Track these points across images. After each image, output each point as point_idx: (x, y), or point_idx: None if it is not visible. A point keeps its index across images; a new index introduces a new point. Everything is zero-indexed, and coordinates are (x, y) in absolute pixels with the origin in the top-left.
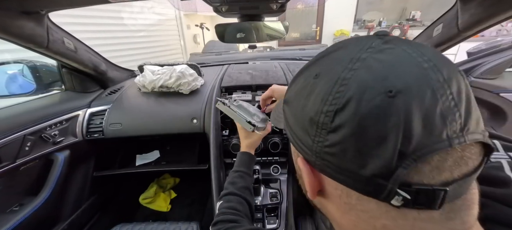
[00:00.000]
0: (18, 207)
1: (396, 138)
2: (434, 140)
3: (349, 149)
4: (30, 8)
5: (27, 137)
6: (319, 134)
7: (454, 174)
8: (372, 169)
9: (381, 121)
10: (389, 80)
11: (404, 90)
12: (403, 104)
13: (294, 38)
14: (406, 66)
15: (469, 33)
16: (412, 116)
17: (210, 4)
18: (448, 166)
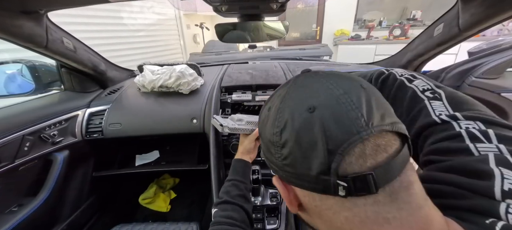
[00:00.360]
0: (17, 207)
1: (322, 140)
2: (348, 136)
3: (297, 157)
4: (29, 8)
5: (26, 137)
6: (276, 151)
7: (377, 159)
8: (316, 168)
9: (309, 130)
10: (309, 101)
11: (318, 105)
12: (321, 115)
13: (294, 38)
14: (318, 89)
15: (470, 33)
16: (328, 121)
17: (210, 3)
18: (368, 154)
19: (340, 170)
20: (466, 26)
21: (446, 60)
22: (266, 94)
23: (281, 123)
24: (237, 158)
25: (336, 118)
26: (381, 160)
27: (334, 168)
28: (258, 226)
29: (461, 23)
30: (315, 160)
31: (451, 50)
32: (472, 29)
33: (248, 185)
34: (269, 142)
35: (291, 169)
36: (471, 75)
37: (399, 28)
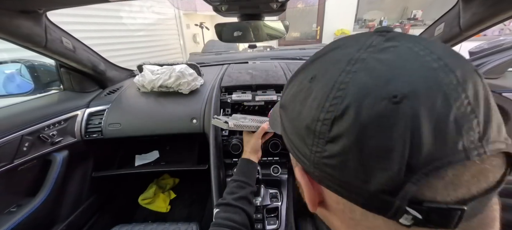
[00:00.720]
0: (15, 208)
1: (403, 149)
2: (448, 152)
3: (350, 161)
4: (28, 7)
5: (25, 137)
6: (316, 144)
7: (472, 190)
8: (377, 183)
9: (385, 130)
10: (393, 84)
11: (410, 95)
12: (410, 111)
13: (294, 38)
14: (412, 67)
15: (471, 33)
16: (421, 125)
17: (210, 3)
18: (465, 181)
19: (414, 192)
20: (467, 26)
21: None
22: (266, 94)
23: (338, 108)
24: (244, 158)
25: (437, 121)
26: (477, 191)
27: (409, 191)
28: (258, 227)
29: (462, 22)
30: (381, 173)
31: None
32: (473, 29)
33: (253, 187)
34: (305, 128)
35: (334, 172)
36: None
37: (400, 28)
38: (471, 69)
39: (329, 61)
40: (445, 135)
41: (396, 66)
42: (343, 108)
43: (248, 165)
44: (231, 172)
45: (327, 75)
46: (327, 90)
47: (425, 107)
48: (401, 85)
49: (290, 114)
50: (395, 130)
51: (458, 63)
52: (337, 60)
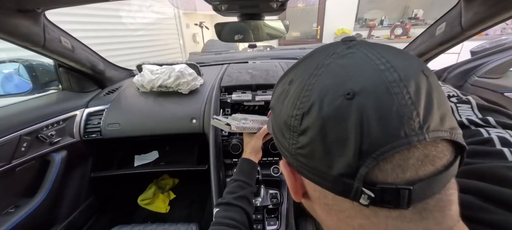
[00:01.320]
0: (13, 208)
1: (356, 137)
2: (392, 139)
3: (316, 150)
4: (26, 6)
5: (23, 137)
6: (292, 136)
7: (419, 172)
8: (338, 168)
9: (341, 122)
10: (348, 83)
11: (360, 92)
12: (360, 105)
13: (294, 37)
14: (363, 69)
15: (472, 32)
16: (369, 116)
17: (210, 2)
18: (411, 164)
19: (369, 176)
20: (468, 25)
21: (448, 59)
22: (266, 94)
23: (306, 105)
24: (245, 157)
25: (382, 113)
26: (424, 174)
27: (362, 173)
28: (258, 227)
29: (463, 22)
30: (340, 159)
31: (453, 49)
32: (474, 28)
33: (253, 187)
34: (284, 124)
35: (306, 161)
36: (473, 75)
37: (401, 27)
38: (417, 69)
39: (303, 66)
40: (388, 124)
41: (351, 69)
42: (309, 105)
43: (249, 165)
44: (231, 172)
45: (300, 78)
46: (298, 90)
47: (371, 102)
48: (354, 84)
49: (275, 113)
50: (349, 121)
51: (404, 65)
52: (309, 66)
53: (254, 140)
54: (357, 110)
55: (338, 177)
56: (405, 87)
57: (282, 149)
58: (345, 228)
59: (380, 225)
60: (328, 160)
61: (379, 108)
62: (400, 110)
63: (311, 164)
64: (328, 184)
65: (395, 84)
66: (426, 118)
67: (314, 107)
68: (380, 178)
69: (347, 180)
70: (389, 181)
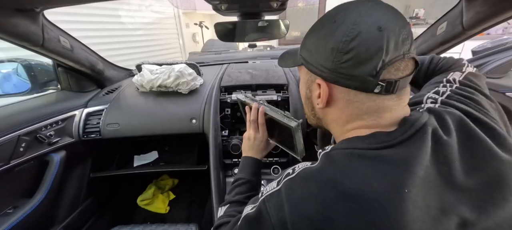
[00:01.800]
0: (12, 209)
1: (382, 52)
2: (398, 54)
3: (356, 62)
4: (24, 5)
5: (22, 137)
6: (336, 56)
7: (403, 73)
8: (367, 71)
9: (375, 44)
10: (379, 22)
11: (386, 28)
12: (386, 35)
13: (294, 37)
14: (386, 15)
15: (474, 31)
16: (390, 42)
17: (209, 2)
18: (401, 69)
19: (382, 75)
20: (470, 25)
21: None
22: (267, 94)
23: (353, 34)
24: (249, 156)
25: (396, 40)
26: (403, 75)
27: (380, 73)
28: None
29: (465, 21)
30: (370, 65)
31: (454, 49)
32: (476, 28)
33: (259, 184)
34: (331, 50)
35: (346, 71)
36: None
37: None
38: (407, 22)
39: (341, 11)
40: (398, 46)
41: (379, 13)
42: (356, 34)
43: (255, 163)
44: (231, 172)
45: (343, 19)
46: (347, 25)
47: (392, 34)
48: (383, 23)
49: (317, 47)
50: (378, 43)
51: (402, 18)
52: (349, 12)
53: (257, 141)
54: (385, 38)
55: (365, 77)
56: (405, 28)
57: (322, 68)
58: (356, 112)
59: (379, 104)
60: (362, 66)
61: (395, 38)
62: (404, 40)
63: (348, 72)
64: (355, 83)
65: (402, 27)
66: (410, 46)
67: (360, 35)
68: (386, 76)
69: (370, 78)
70: (390, 78)
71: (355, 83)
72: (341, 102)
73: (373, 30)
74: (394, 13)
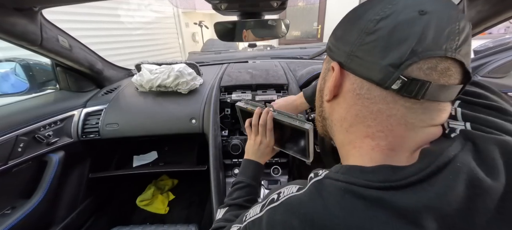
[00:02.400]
0: (10, 210)
1: (414, 40)
2: (437, 47)
3: (379, 45)
4: (22, 5)
5: (20, 137)
6: (360, 37)
7: (440, 79)
8: (390, 59)
9: (409, 27)
10: (423, 5)
11: (431, 11)
12: (428, 19)
13: (295, 37)
14: (440, 1)
15: (476, 31)
16: (429, 29)
17: (209, 1)
18: (438, 70)
19: (408, 69)
20: (471, 24)
21: None
22: (267, 94)
23: (386, 13)
24: (252, 159)
25: (438, 30)
26: (442, 81)
27: (406, 64)
28: None
29: None
30: (394, 52)
31: None
32: (478, 27)
33: (258, 188)
34: (358, 29)
35: (364, 55)
36: (476, 74)
37: None
38: (464, 15)
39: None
40: (439, 38)
41: None
42: (390, 13)
43: (258, 168)
44: (230, 172)
45: (383, 1)
46: (384, 5)
47: (435, 20)
48: (428, 7)
49: (342, 32)
50: (415, 28)
51: (457, 9)
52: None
53: (263, 146)
54: (424, 23)
55: (386, 67)
56: (458, 21)
57: (340, 53)
58: (363, 113)
59: (393, 110)
60: (384, 52)
61: (438, 27)
62: (450, 33)
63: (366, 56)
64: (372, 72)
65: (454, 16)
66: (461, 45)
67: (394, 14)
68: (414, 73)
69: (391, 69)
70: (419, 76)
71: (371, 73)
72: (350, 96)
73: (412, 12)
74: (449, 2)
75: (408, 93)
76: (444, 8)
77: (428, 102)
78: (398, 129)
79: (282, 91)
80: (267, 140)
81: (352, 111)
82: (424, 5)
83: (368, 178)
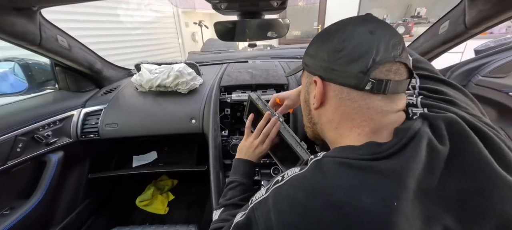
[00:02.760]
0: (8, 210)
1: (372, 52)
2: (388, 55)
3: (349, 59)
4: (21, 4)
5: (19, 137)
6: (333, 55)
7: (395, 77)
8: (359, 68)
9: (367, 43)
10: (369, 26)
11: (377, 31)
12: (377, 37)
13: (295, 36)
14: (379, 24)
15: (477, 30)
16: (380, 43)
17: (209, 1)
18: (392, 71)
19: (372, 73)
20: (472, 24)
21: (452, 58)
22: (267, 93)
23: (347, 36)
24: (242, 158)
25: (386, 43)
26: (396, 78)
27: (371, 70)
28: None
29: (467, 20)
30: (361, 63)
31: (457, 48)
32: (479, 27)
33: (252, 184)
34: (328, 50)
35: (339, 67)
36: (477, 74)
37: (403, 26)
38: (401, 35)
39: (340, 24)
40: (388, 48)
41: (373, 24)
42: (350, 36)
43: (250, 167)
44: None
45: (339, 27)
46: (343, 31)
47: (382, 37)
48: (374, 28)
49: (317, 51)
50: (371, 43)
51: (394, 30)
52: (343, 24)
53: (260, 150)
54: (376, 39)
55: (358, 74)
56: (397, 35)
57: (319, 69)
58: (347, 111)
59: (370, 104)
60: (354, 63)
61: (386, 41)
62: (395, 44)
63: (341, 68)
64: (348, 79)
65: (394, 33)
66: (402, 52)
67: (352, 36)
68: (378, 75)
69: (362, 75)
70: (382, 77)
71: (347, 80)
72: (334, 100)
73: (365, 33)
74: (386, 24)
75: (378, 90)
76: (385, 27)
77: (391, 94)
78: (377, 116)
79: (282, 91)
80: (263, 146)
81: (338, 112)
82: (371, 28)
83: (358, 152)
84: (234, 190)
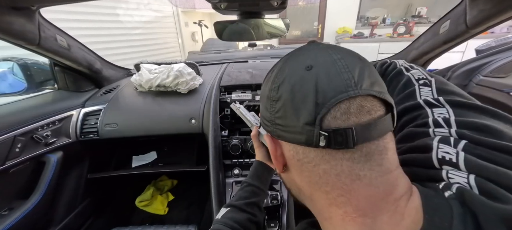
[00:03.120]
0: (7, 211)
1: (313, 94)
2: (337, 93)
3: (288, 109)
4: (20, 3)
5: (18, 137)
6: (271, 106)
7: (360, 119)
8: (303, 119)
9: (303, 84)
10: (307, 61)
11: (315, 65)
12: (316, 72)
13: (295, 36)
14: (318, 54)
15: (478, 30)
16: (322, 79)
17: (209, 0)
18: (353, 112)
19: (324, 122)
20: (473, 23)
21: (452, 58)
22: None
23: (280, 79)
24: (260, 161)
25: (329, 77)
26: (364, 120)
27: (319, 119)
28: None
29: (468, 19)
30: (304, 111)
31: (458, 48)
32: (480, 26)
33: (266, 193)
34: (266, 98)
35: (282, 121)
36: (478, 74)
37: (404, 25)
38: (354, 55)
39: (280, 61)
40: (334, 83)
41: (309, 55)
42: (283, 78)
43: (261, 168)
44: (230, 173)
45: (277, 66)
46: (276, 72)
47: (323, 70)
48: (311, 62)
49: (262, 93)
50: (308, 83)
51: (345, 52)
52: (283, 59)
53: (256, 155)
54: (314, 76)
55: (304, 126)
56: (344, 62)
57: (265, 121)
58: (314, 179)
59: (337, 167)
60: (297, 114)
61: (328, 74)
62: (341, 74)
63: (285, 122)
64: (297, 136)
65: (338, 60)
66: (359, 80)
67: (286, 79)
68: (332, 124)
69: (309, 127)
70: (339, 125)
71: (295, 137)
72: (293, 163)
73: (300, 71)
74: (332, 48)
75: (339, 145)
76: (326, 56)
77: (365, 147)
78: (355, 186)
79: None
80: (257, 154)
81: (304, 179)
82: (307, 62)
83: None
84: (241, 191)
